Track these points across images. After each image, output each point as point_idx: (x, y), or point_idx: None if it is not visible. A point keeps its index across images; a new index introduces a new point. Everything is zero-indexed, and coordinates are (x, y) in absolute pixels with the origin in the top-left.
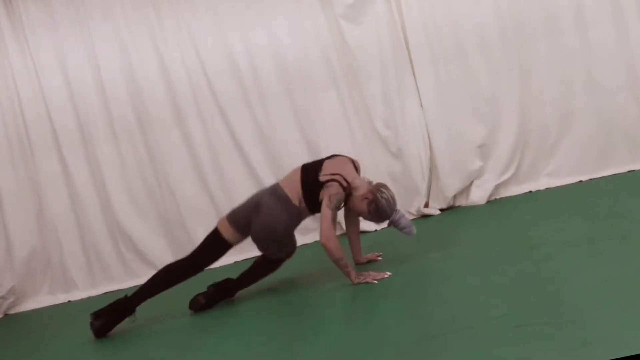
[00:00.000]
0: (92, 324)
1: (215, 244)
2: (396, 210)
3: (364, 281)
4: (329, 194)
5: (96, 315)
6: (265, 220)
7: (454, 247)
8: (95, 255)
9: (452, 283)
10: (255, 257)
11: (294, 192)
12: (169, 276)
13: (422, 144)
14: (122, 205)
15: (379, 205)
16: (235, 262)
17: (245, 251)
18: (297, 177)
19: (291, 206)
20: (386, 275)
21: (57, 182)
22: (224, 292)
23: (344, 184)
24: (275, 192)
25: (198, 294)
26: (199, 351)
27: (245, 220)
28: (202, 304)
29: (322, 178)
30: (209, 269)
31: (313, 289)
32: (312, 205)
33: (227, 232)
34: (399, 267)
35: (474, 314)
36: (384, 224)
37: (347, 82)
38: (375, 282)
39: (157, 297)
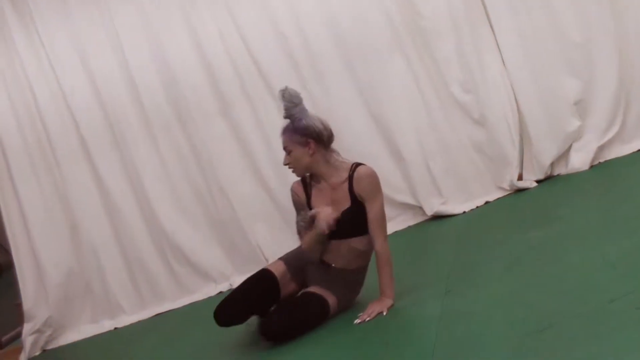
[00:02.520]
0: None
1: None
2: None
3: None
4: None
5: None
6: None
7: (557, 222)
8: (141, 273)
9: (560, 263)
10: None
11: None
12: None
13: (509, 106)
14: (167, 213)
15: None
16: None
17: None
18: None
19: None
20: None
21: (89, 193)
22: None
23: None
24: None
25: None
26: None
27: None
28: None
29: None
30: None
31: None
32: None
33: None
34: (496, 249)
35: (588, 297)
36: None
37: (414, 43)
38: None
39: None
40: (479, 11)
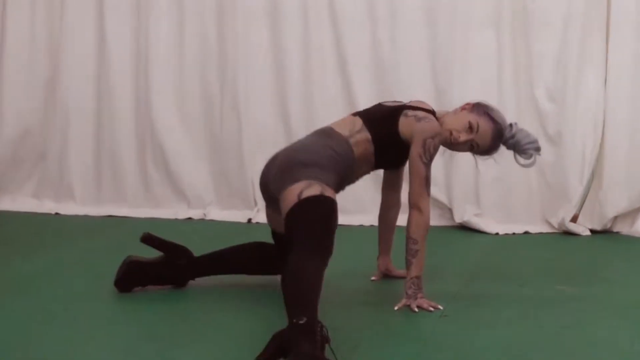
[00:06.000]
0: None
1: None
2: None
3: (420, 305)
4: (423, 138)
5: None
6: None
7: (597, 285)
8: (108, 162)
9: (580, 331)
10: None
11: (352, 130)
12: None
13: (593, 133)
14: (163, 107)
15: (492, 115)
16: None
17: None
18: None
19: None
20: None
21: (84, 48)
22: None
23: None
24: (322, 131)
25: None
26: None
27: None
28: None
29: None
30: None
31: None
32: (382, 157)
33: None
34: (518, 290)
35: None
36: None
37: (512, 24)
38: (431, 310)
39: None
40: (600, 15)
